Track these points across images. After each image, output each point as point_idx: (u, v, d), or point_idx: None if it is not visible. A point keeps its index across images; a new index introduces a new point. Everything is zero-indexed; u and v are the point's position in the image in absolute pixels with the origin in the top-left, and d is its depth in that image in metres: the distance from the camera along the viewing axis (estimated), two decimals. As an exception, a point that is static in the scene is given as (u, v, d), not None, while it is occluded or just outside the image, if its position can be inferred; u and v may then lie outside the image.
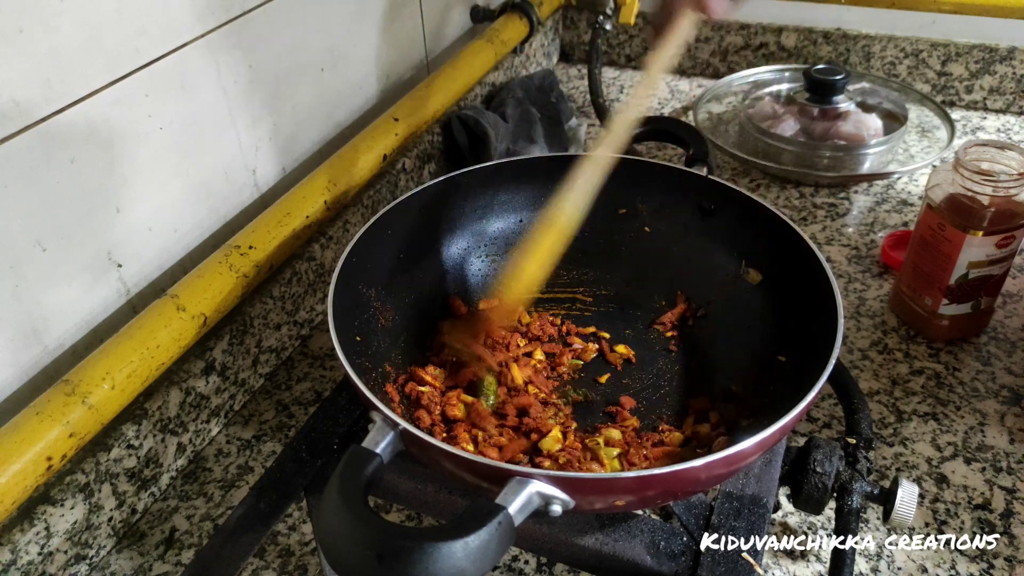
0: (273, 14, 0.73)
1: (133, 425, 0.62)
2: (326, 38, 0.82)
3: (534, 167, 0.69)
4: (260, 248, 0.70)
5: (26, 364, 0.58)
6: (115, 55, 0.59)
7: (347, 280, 0.56)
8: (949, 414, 0.69)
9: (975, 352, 0.75)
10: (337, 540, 0.38)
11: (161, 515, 0.64)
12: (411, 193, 0.64)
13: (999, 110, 1.14)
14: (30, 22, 0.52)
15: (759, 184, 1.02)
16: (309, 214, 0.75)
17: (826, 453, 0.51)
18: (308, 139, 0.84)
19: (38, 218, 0.56)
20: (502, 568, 0.59)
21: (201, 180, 0.70)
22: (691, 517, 0.49)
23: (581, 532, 0.48)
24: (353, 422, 0.56)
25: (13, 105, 0.52)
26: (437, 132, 0.98)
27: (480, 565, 0.37)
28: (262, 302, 0.74)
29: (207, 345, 0.68)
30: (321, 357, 0.79)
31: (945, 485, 0.63)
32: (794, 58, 1.22)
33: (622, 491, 0.43)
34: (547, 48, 1.31)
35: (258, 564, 0.60)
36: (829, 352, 0.47)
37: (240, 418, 0.73)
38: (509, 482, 0.40)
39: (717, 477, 0.46)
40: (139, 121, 0.62)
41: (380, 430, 0.44)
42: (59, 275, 0.59)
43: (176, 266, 0.70)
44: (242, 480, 0.67)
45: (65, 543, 0.57)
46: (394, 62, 0.96)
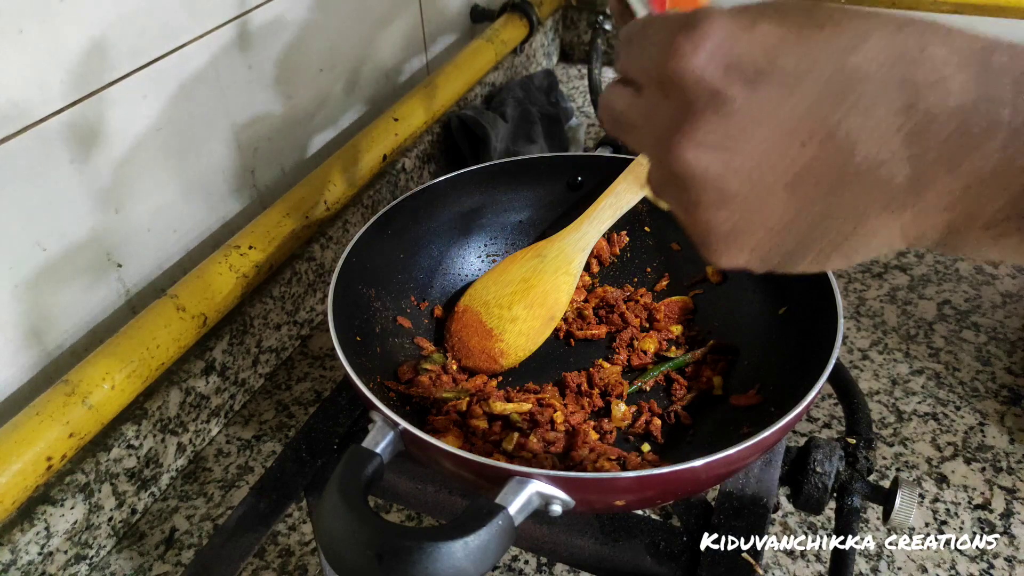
0: (273, 14, 0.73)
1: (133, 425, 0.62)
2: (326, 38, 0.82)
3: (534, 167, 0.69)
4: (260, 248, 0.70)
5: (26, 364, 0.58)
6: (115, 55, 0.59)
7: (347, 280, 0.56)
8: (949, 414, 0.69)
9: (975, 352, 0.75)
10: (337, 540, 0.38)
11: (161, 515, 0.64)
12: (411, 193, 0.64)
13: (999, 110, 1.14)
14: (30, 22, 0.52)
15: (759, 184, 1.02)
16: (309, 214, 0.75)
17: (826, 453, 0.51)
18: (308, 139, 0.84)
19: (38, 218, 0.56)
20: (502, 568, 0.59)
21: (200, 180, 0.70)
22: (691, 517, 0.49)
23: (581, 532, 0.48)
24: (353, 422, 0.56)
25: (13, 105, 0.52)
26: (437, 132, 0.98)
27: (480, 565, 0.37)
28: (262, 302, 0.74)
29: (207, 345, 0.68)
30: (321, 357, 0.79)
31: (945, 485, 0.63)
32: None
33: (622, 491, 0.43)
34: (547, 48, 1.31)
35: (258, 564, 0.60)
36: (829, 352, 0.47)
37: (240, 418, 0.73)
38: (509, 482, 0.40)
39: (717, 477, 0.46)
40: (138, 121, 0.62)
41: (380, 430, 0.44)
42: (59, 275, 0.59)
43: (176, 266, 0.70)
44: (242, 480, 0.67)
45: (65, 543, 0.57)
46: (394, 62, 0.96)
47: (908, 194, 0.28)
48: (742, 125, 0.28)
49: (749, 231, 0.30)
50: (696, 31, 0.28)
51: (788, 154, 0.28)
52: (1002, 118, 0.26)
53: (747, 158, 0.28)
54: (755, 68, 0.28)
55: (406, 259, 0.65)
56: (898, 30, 0.27)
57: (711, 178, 0.29)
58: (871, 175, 0.28)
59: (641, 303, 0.66)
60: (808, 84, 0.28)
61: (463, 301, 0.64)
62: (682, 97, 0.29)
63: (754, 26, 0.28)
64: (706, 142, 0.29)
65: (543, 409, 0.56)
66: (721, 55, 0.28)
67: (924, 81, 0.27)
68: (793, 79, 0.28)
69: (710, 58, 0.28)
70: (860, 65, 0.27)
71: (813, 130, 0.28)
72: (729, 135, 0.28)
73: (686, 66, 0.28)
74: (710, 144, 0.29)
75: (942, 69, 0.27)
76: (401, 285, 0.64)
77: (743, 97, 0.28)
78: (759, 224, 0.30)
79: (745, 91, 0.28)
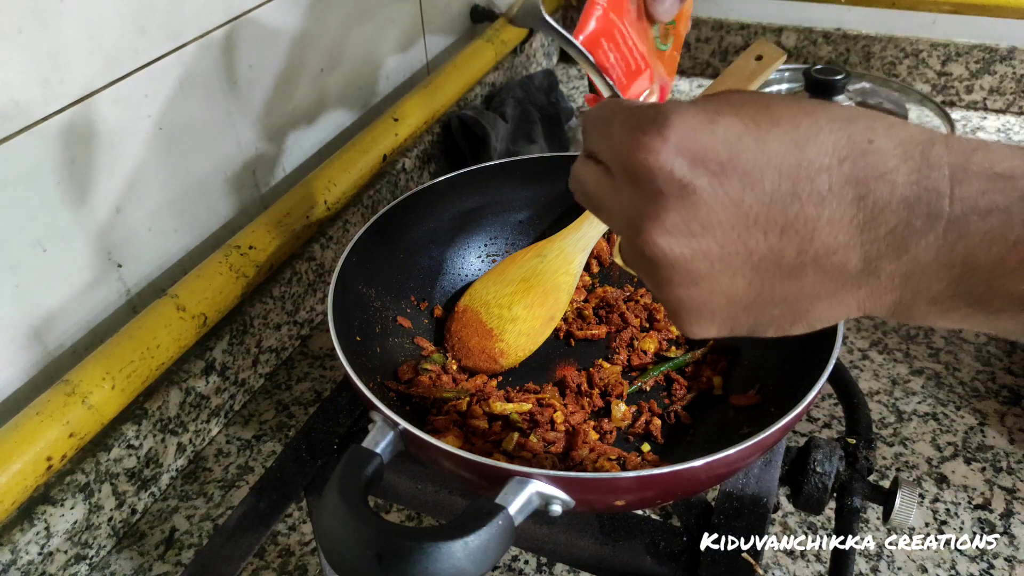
0: (273, 14, 0.73)
1: (133, 425, 0.62)
2: (326, 38, 0.82)
3: (534, 167, 0.69)
4: (260, 248, 0.70)
5: (26, 364, 0.58)
6: (115, 55, 0.59)
7: (347, 280, 0.56)
8: (949, 414, 0.69)
9: (975, 352, 0.75)
10: (337, 540, 0.38)
11: (161, 515, 0.64)
12: (411, 193, 0.64)
13: (999, 110, 1.14)
14: (30, 22, 0.52)
15: (759, 184, 1.02)
16: (309, 214, 0.75)
17: (826, 453, 0.51)
18: (308, 139, 0.84)
19: (38, 218, 0.56)
20: (502, 568, 0.59)
21: (201, 180, 0.70)
22: (691, 517, 0.49)
23: (581, 532, 0.48)
24: (353, 422, 0.56)
25: (13, 105, 0.52)
26: (437, 132, 0.98)
27: (480, 565, 0.37)
28: (262, 302, 0.74)
29: (207, 345, 0.68)
30: (321, 357, 0.79)
31: (945, 485, 0.63)
32: (794, 58, 1.22)
33: (622, 491, 0.43)
34: (547, 48, 1.31)
35: (258, 564, 0.60)
36: (829, 352, 0.47)
37: (240, 418, 0.73)
38: (509, 482, 0.40)
39: (717, 477, 0.46)
40: (139, 121, 0.62)
41: (380, 430, 0.44)
42: (59, 275, 0.59)
43: (176, 266, 0.70)
44: (242, 480, 0.67)
45: (65, 543, 0.57)
46: (394, 62, 0.96)
47: (860, 276, 0.31)
48: (708, 214, 0.30)
49: (717, 307, 0.33)
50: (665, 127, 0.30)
51: (751, 241, 0.31)
52: (942, 210, 0.29)
53: (713, 243, 0.31)
54: (718, 162, 0.30)
55: (406, 259, 0.65)
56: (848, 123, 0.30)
57: (681, 261, 0.31)
58: (827, 260, 0.30)
59: (641, 303, 0.66)
60: (768, 178, 0.30)
61: (463, 301, 0.64)
62: (651, 186, 0.31)
63: (716, 121, 0.30)
64: (675, 229, 0.31)
65: (543, 409, 0.56)
66: (687, 149, 0.30)
67: (872, 174, 0.29)
68: (755, 173, 0.30)
69: (677, 152, 0.30)
70: (814, 159, 0.30)
71: (773, 220, 0.30)
72: (696, 223, 0.31)
73: (655, 160, 0.30)
74: (679, 231, 0.31)
75: (888, 161, 0.29)
76: (401, 285, 0.64)
77: (709, 189, 0.30)
78: (726, 301, 0.33)
79: (711, 183, 0.30)
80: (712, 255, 0.31)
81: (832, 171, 0.30)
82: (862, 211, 0.29)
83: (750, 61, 0.66)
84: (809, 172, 0.30)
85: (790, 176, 0.30)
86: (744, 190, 0.30)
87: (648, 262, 0.32)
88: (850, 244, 0.30)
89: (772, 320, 0.33)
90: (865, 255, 0.30)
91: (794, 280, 0.31)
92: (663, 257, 0.32)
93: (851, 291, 0.31)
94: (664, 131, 0.30)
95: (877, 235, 0.30)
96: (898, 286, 0.30)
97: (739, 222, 0.30)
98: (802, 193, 0.30)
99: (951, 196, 0.29)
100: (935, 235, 0.29)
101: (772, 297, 0.32)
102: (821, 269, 0.31)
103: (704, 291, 0.32)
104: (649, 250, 0.32)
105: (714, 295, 0.32)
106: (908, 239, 0.29)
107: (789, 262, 0.31)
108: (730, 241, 0.31)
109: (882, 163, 0.29)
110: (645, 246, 0.32)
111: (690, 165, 0.30)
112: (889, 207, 0.29)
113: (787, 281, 0.31)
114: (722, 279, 0.32)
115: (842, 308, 0.32)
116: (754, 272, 0.31)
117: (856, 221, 0.30)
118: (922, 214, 0.29)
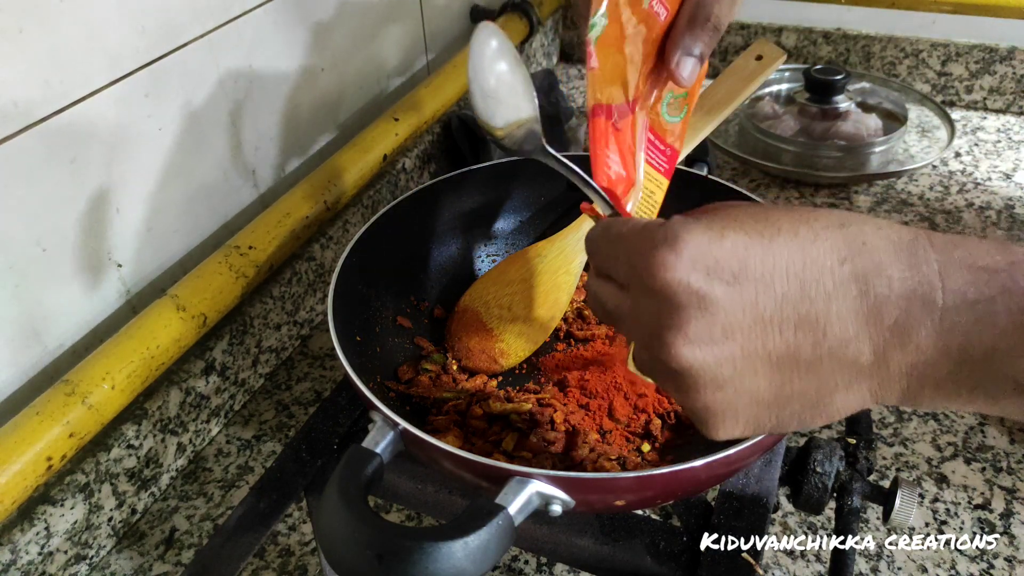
0: (273, 14, 0.73)
1: (133, 425, 0.62)
2: (326, 38, 0.82)
3: (534, 167, 0.69)
4: (260, 248, 0.70)
5: (26, 364, 0.58)
6: (115, 55, 0.59)
7: (347, 280, 0.56)
8: (949, 414, 0.69)
9: (975, 352, 0.75)
10: (337, 540, 0.38)
11: (161, 515, 0.64)
12: (411, 193, 0.64)
13: (999, 110, 1.14)
14: (30, 22, 0.52)
15: (759, 184, 1.02)
16: (309, 214, 0.75)
17: (826, 453, 0.51)
18: (308, 139, 0.84)
19: (38, 218, 0.56)
20: (502, 568, 0.59)
21: (201, 180, 0.70)
22: (691, 517, 0.49)
23: (581, 532, 0.48)
24: (353, 422, 0.56)
25: (13, 105, 0.52)
26: (437, 132, 0.98)
27: (480, 565, 0.37)
28: (262, 302, 0.74)
29: (207, 345, 0.68)
30: (321, 357, 0.79)
31: (945, 485, 0.63)
32: (794, 58, 1.22)
33: (622, 491, 0.43)
34: (547, 48, 1.31)
35: (258, 564, 0.60)
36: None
37: (240, 418, 0.73)
38: (509, 482, 0.40)
39: (717, 477, 0.46)
40: (139, 121, 0.62)
41: (380, 430, 0.44)
42: (59, 275, 0.59)
43: (176, 266, 0.70)
44: (242, 480, 0.67)
45: (65, 543, 0.57)
46: (394, 62, 0.96)
47: (872, 367, 0.33)
48: (728, 319, 0.33)
49: (742, 407, 0.35)
50: (677, 244, 0.33)
51: (769, 341, 0.33)
52: (936, 301, 0.31)
53: (735, 347, 0.33)
54: (731, 271, 0.32)
55: (406, 259, 0.65)
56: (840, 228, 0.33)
57: (707, 368, 0.33)
58: (841, 352, 0.33)
59: None
60: (778, 281, 0.32)
61: (463, 301, 0.64)
62: (671, 300, 0.33)
63: (723, 237, 0.33)
64: (698, 338, 0.33)
65: (543, 409, 0.56)
66: (701, 262, 0.33)
67: (872, 271, 0.32)
68: (766, 277, 0.32)
69: (692, 266, 0.32)
70: (816, 260, 0.32)
71: (787, 317, 0.32)
72: (718, 329, 0.33)
73: (673, 275, 0.33)
74: (702, 340, 0.33)
75: (883, 259, 0.32)
76: (401, 285, 0.64)
77: (726, 296, 0.32)
78: (750, 400, 0.34)
79: (726, 291, 0.32)
80: (735, 358, 0.33)
81: (835, 271, 0.32)
82: (866, 304, 0.32)
83: (750, 61, 0.66)
84: (814, 273, 0.32)
85: (798, 277, 0.32)
86: (758, 293, 0.32)
87: (674, 372, 0.34)
88: (860, 336, 0.32)
89: (794, 414, 0.35)
90: (875, 347, 0.32)
91: (812, 374, 0.33)
92: (689, 367, 0.33)
93: (865, 381, 0.33)
94: (677, 247, 0.33)
95: (883, 327, 0.32)
96: (905, 374, 0.33)
97: (756, 323, 0.33)
98: (811, 291, 0.32)
99: (943, 288, 0.31)
100: (933, 324, 0.31)
101: (793, 392, 0.34)
102: (836, 360, 0.33)
103: (729, 394, 0.34)
104: (675, 362, 0.33)
105: (739, 396, 0.34)
106: (911, 329, 0.32)
107: (807, 357, 0.33)
108: (750, 342, 0.33)
109: (878, 261, 0.32)
110: (671, 359, 0.33)
111: (705, 277, 0.32)
112: (890, 300, 0.32)
113: (806, 375, 0.33)
114: (745, 380, 0.34)
115: (859, 398, 0.34)
116: (774, 370, 0.33)
117: (862, 314, 0.32)
118: (920, 305, 0.31)
